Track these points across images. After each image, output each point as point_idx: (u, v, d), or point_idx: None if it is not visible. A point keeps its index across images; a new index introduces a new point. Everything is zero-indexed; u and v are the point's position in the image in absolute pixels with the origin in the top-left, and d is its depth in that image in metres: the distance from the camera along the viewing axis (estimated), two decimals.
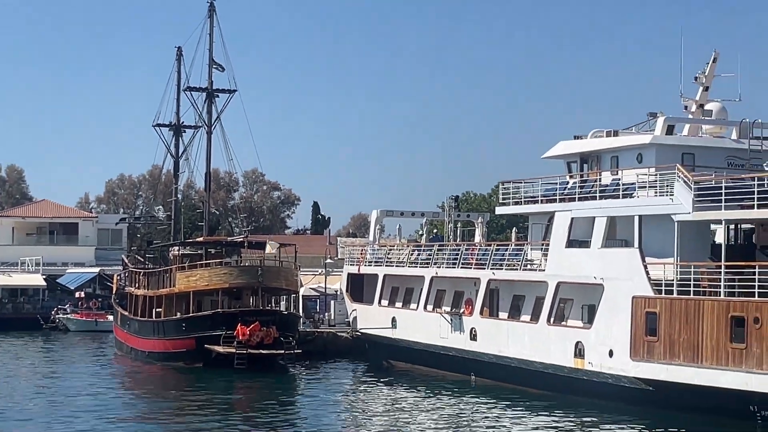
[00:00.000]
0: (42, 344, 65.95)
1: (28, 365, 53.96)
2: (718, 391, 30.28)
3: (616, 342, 34.66)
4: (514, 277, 42.60)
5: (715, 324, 30.55)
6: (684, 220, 33.07)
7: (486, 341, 43.01)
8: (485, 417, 32.79)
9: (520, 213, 46.71)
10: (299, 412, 36.17)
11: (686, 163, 36.32)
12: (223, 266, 53.26)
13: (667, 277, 33.19)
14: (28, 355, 59.64)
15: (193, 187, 68.29)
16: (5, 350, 62.74)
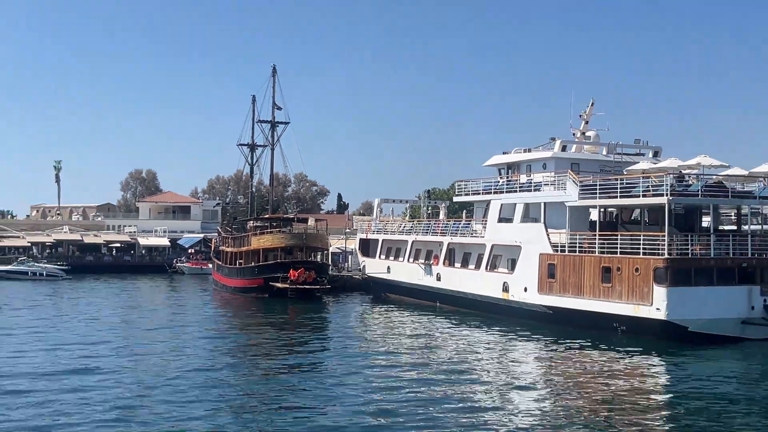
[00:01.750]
0: (167, 282, 69.02)
1: (160, 294, 58.39)
2: (593, 314, 32.65)
3: (529, 282, 36.66)
4: (464, 241, 44.41)
5: (591, 271, 32.94)
6: (572, 205, 35.42)
7: (446, 281, 44.82)
8: (447, 327, 35.32)
9: (468, 201, 48.08)
10: (328, 323, 38.74)
11: (574, 169, 37.80)
12: (281, 233, 56.06)
13: (561, 241, 35.31)
14: (160, 288, 64.09)
15: (262, 184, 71.77)
16: (146, 284, 68.22)
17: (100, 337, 31.71)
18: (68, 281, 68.52)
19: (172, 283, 67.50)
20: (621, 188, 33.87)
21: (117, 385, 20.34)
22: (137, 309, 47.14)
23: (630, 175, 35.25)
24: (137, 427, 15.56)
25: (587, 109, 43.26)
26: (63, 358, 25.54)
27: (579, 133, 42.86)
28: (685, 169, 34.47)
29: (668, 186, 31.56)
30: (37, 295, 54.42)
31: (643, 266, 30.50)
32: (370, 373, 23.06)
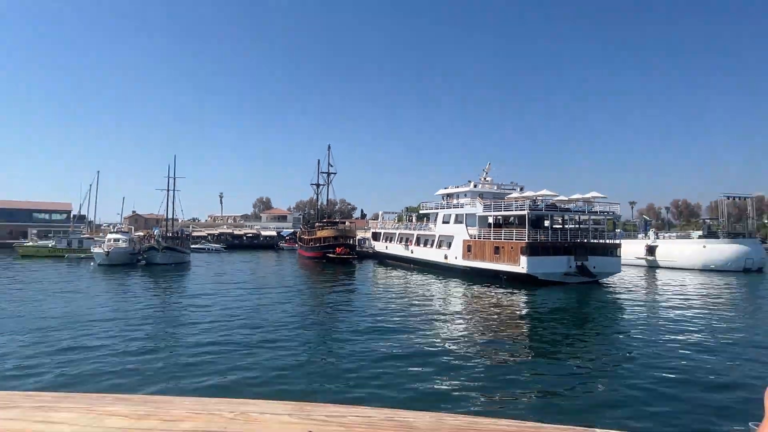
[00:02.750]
0: (276, 254, 67.92)
1: (271, 260, 56.96)
2: (491, 270, 32.71)
3: (458, 254, 36.74)
4: (425, 233, 43.73)
5: (490, 248, 33.31)
6: (480, 215, 36.08)
7: (417, 254, 44.26)
8: (417, 278, 34.27)
9: (427, 212, 46.55)
10: (355, 275, 37.83)
11: (481, 196, 38.67)
12: (332, 229, 55.70)
13: (474, 233, 35.75)
14: (271, 257, 62.57)
15: (323, 204, 72.87)
16: (265, 254, 67.52)
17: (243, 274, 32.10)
18: (226, 253, 69.87)
19: (278, 255, 68.15)
20: (504, 206, 34.73)
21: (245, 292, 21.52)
22: (260, 264, 48.41)
23: (508, 199, 35.90)
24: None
25: (487, 167, 44.19)
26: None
27: (483, 177, 43.65)
28: (536, 196, 34.84)
29: (527, 205, 32.36)
30: (212, 259, 55.31)
31: (516, 246, 31.02)
32: (376, 295, 23.93)
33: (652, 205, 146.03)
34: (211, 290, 26.41)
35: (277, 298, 23.62)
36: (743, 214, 65.59)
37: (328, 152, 66.38)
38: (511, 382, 10.55)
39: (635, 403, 9.16)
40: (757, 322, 18.59)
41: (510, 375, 11.03)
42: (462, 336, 15.17)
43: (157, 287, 28.35)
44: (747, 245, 47.45)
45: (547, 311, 20.72)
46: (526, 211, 31.95)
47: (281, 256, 66.30)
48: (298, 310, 19.85)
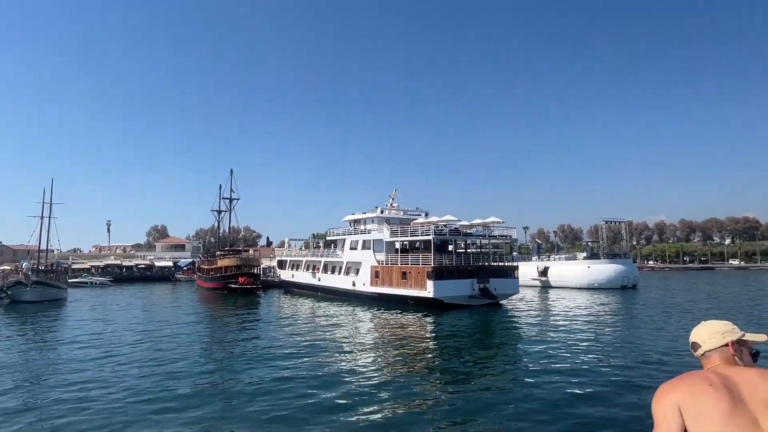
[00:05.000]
0: (171, 287, 62.74)
1: (169, 292, 52.24)
2: (398, 296, 32.86)
3: (366, 280, 36.47)
4: (333, 260, 42.94)
5: (397, 273, 33.45)
6: (387, 241, 36.28)
7: (324, 281, 43.33)
8: (324, 306, 32.83)
9: (335, 239, 45.38)
10: (260, 305, 36.01)
11: (387, 222, 39.04)
12: (234, 257, 53.90)
13: (382, 259, 35.59)
14: (167, 289, 58.34)
15: (225, 231, 69.45)
16: (159, 287, 62.45)
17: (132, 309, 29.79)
18: (114, 287, 63.81)
19: (174, 287, 63.27)
20: (410, 232, 35.32)
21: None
22: (152, 298, 44.21)
23: (414, 225, 36.53)
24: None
25: (393, 193, 44.81)
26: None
27: (390, 203, 44.13)
28: (440, 221, 35.68)
29: (432, 230, 33.06)
30: (94, 294, 50.00)
31: (422, 271, 31.38)
32: (280, 325, 22.76)
33: (542, 229, 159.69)
34: (89, 330, 23.50)
35: (167, 333, 21.65)
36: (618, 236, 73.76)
37: (231, 177, 64.10)
38: (417, 403, 10.54)
39: (535, 415, 9.50)
40: (637, 333, 20.58)
41: (416, 397, 10.98)
42: (369, 362, 14.93)
43: (20, 329, 24.71)
44: (623, 265, 53.48)
45: (453, 334, 21.16)
46: (432, 236, 32.61)
47: (178, 288, 61.95)
48: (192, 347, 18.24)
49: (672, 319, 25.45)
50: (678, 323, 23.49)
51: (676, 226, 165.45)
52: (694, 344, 1.97)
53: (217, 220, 68.44)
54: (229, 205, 64.69)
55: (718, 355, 1.89)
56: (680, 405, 1.71)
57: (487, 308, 30.74)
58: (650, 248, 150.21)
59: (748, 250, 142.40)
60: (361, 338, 20.18)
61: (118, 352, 17.15)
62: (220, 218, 67.81)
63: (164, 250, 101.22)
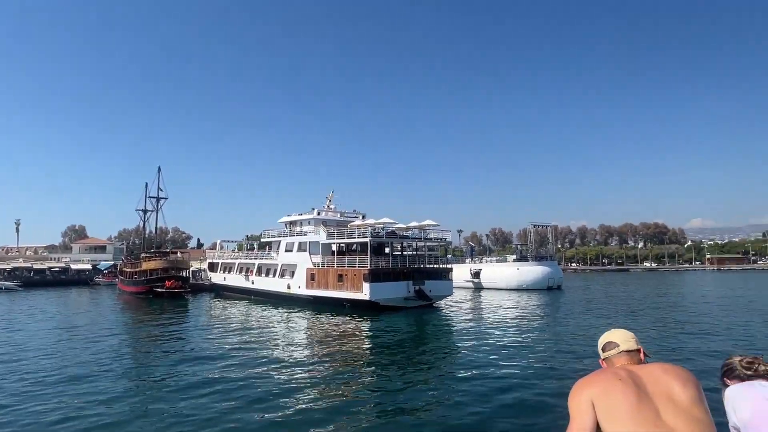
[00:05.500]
0: (89, 290, 58.03)
1: (87, 297, 47.36)
2: (334, 298, 32.64)
3: (301, 283, 35.95)
4: (267, 262, 42.02)
5: (333, 276, 33.20)
6: (323, 243, 35.83)
7: (257, 284, 42.30)
8: (257, 310, 31.81)
9: (270, 241, 43.84)
10: (188, 309, 34.31)
11: (324, 224, 38.55)
12: (160, 260, 50.32)
13: (318, 261, 35.14)
14: (84, 294, 53.09)
15: (152, 232, 64.82)
16: (75, 292, 56.13)
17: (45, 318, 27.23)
18: (23, 291, 57.94)
19: (94, 291, 58.56)
20: (347, 234, 35.24)
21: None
22: (68, 303, 40.81)
23: (351, 227, 36.44)
24: None
25: (330, 195, 44.49)
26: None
27: (327, 205, 43.78)
28: (377, 224, 35.89)
29: (369, 233, 33.25)
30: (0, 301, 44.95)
31: (358, 273, 31.40)
32: (210, 330, 21.70)
33: (475, 233, 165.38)
34: None
35: (80, 341, 20.00)
36: (545, 239, 77.84)
37: (159, 175, 60.27)
38: (350, 404, 10.53)
39: (469, 412, 9.73)
40: (560, 330, 21.76)
41: (350, 397, 10.96)
42: (302, 365, 14.70)
43: None
44: (549, 267, 56.59)
45: (389, 336, 21.32)
46: (368, 239, 32.68)
47: (98, 292, 57.69)
48: (108, 354, 16.98)
49: (591, 317, 27.15)
50: (596, 321, 25.13)
51: (596, 230, 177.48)
52: (610, 343, 2.15)
53: (143, 220, 64.56)
54: (156, 205, 60.98)
55: (627, 356, 2.07)
56: (593, 399, 1.83)
57: (422, 309, 31.20)
58: (573, 251, 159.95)
59: (658, 253, 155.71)
60: (296, 341, 19.88)
61: (21, 366, 15.62)
62: (146, 218, 64.00)
63: (82, 252, 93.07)
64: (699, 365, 13.10)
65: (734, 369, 2.20)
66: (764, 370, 2.14)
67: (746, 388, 2.07)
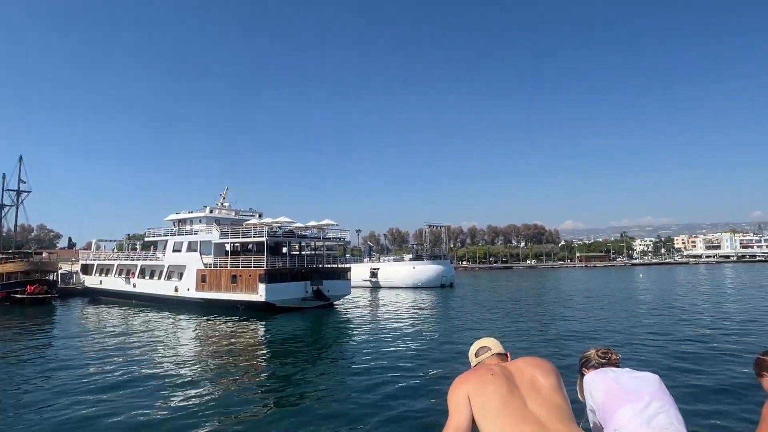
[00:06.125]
0: None
1: None
2: (227, 300, 31.62)
3: (191, 285, 34.30)
4: (152, 263, 38.99)
5: (226, 277, 32.02)
6: (216, 242, 34.37)
7: (141, 287, 39.09)
8: (140, 316, 29.20)
9: (155, 240, 41.45)
10: (56, 317, 30.31)
11: (217, 223, 36.87)
12: (21, 262, 43.71)
13: (210, 262, 33.63)
14: None
15: (9, 230, 55.61)
16: None
17: None
18: None
19: None
20: (242, 233, 34.10)
21: None
22: None
23: (247, 226, 35.36)
24: None
25: (224, 192, 42.64)
26: None
27: (221, 203, 41.82)
28: (274, 223, 35.15)
29: (266, 232, 32.56)
30: None
31: (254, 274, 30.59)
32: (82, 338, 19.65)
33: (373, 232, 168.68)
34: None
35: None
36: (439, 239, 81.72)
37: (20, 165, 52.49)
38: (245, 403, 10.39)
39: (361, 410, 9.88)
40: (451, 326, 23.00)
41: (244, 404, 10.57)
42: (191, 373, 13.87)
43: None
44: (443, 265, 59.61)
45: (285, 337, 21.00)
46: (265, 238, 32.02)
47: None
48: None
49: (479, 313, 29.08)
50: (482, 316, 26.96)
51: (484, 230, 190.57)
52: (483, 348, 2.37)
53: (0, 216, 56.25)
54: (16, 199, 53.28)
55: (498, 358, 2.31)
56: (469, 394, 1.96)
57: (320, 310, 31.29)
58: (464, 250, 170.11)
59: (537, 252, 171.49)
60: (184, 348, 18.73)
61: None
62: (3, 214, 55.76)
63: None
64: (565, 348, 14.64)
65: (590, 359, 2.51)
66: (615, 359, 2.48)
67: (600, 374, 2.35)
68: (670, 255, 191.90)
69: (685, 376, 11.58)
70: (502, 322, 24.05)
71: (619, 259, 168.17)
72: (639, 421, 2.05)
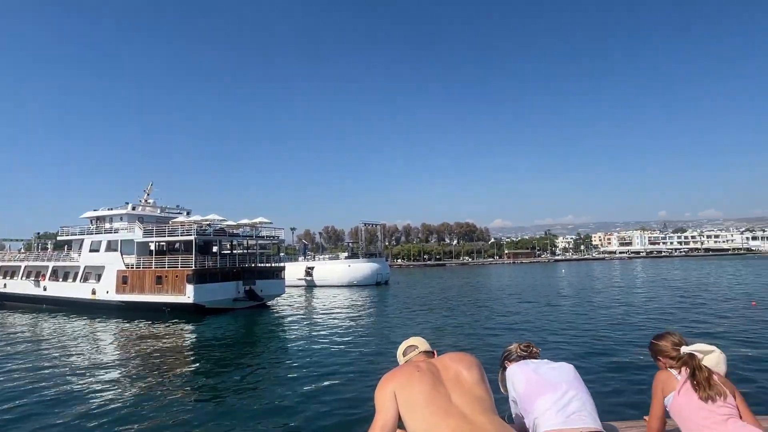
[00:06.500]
0: None
1: None
2: (152, 303, 30.32)
3: (110, 287, 32.38)
4: (66, 264, 36.32)
5: (150, 278, 30.70)
6: (138, 241, 32.93)
7: (53, 291, 36.15)
8: (51, 322, 27.04)
9: (69, 239, 37.86)
10: None
11: (140, 220, 35.17)
12: None
13: (132, 262, 32.02)
14: None
15: None
16: None
17: None
18: None
19: None
20: (168, 231, 32.74)
21: None
22: None
23: (174, 224, 33.97)
24: None
25: (149, 187, 40.28)
26: None
27: (144, 200, 39.55)
28: (203, 221, 34.06)
29: (194, 230, 31.46)
30: None
31: (181, 274, 29.54)
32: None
33: (309, 230, 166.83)
34: None
35: None
36: (374, 237, 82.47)
37: None
38: (172, 412, 9.82)
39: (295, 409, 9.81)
40: (386, 323, 23.27)
41: (170, 405, 10.15)
42: (112, 383, 13.03)
43: None
44: (378, 263, 60.19)
45: (214, 339, 20.31)
46: (193, 237, 30.90)
47: None
48: None
49: (413, 309, 29.66)
50: (415, 313, 27.53)
51: (419, 228, 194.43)
52: (411, 347, 2.43)
53: None
54: None
55: (425, 356, 2.38)
56: (396, 391, 2.00)
57: (253, 310, 30.80)
58: (399, 248, 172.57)
59: (469, 249, 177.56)
60: (101, 351, 17.69)
61: None
62: None
63: None
64: (491, 342, 15.32)
65: (512, 353, 2.69)
66: (535, 351, 2.68)
67: (521, 366, 2.51)
68: (589, 251, 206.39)
69: (598, 362, 12.52)
70: (434, 318, 24.70)
71: (544, 256, 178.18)
72: (556, 409, 2.20)
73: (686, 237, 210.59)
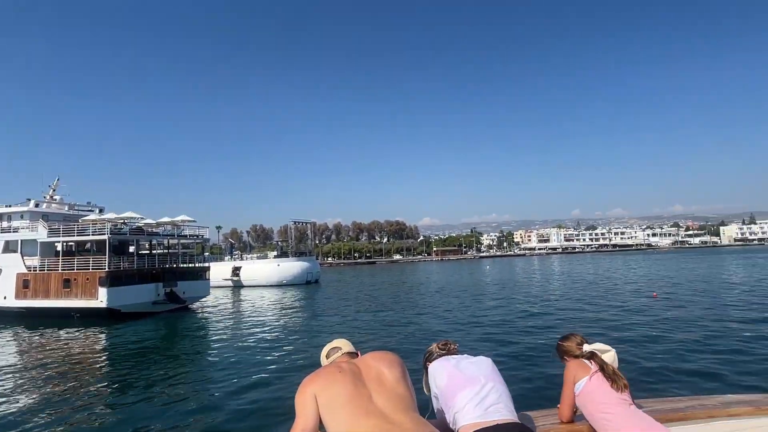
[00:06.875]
0: None
1: None
2: (58, 309, 28.14)
3: (9, 292, 29.45)
4: None
5: (56, 281, 28.56)
6: (42, 241, 30.29)
7: None
8: None
9: None
10: None
11: (44, 219, 31.85)
12: None
13: (35, 264, 29.43)
14: None
15: None
16: None
17: None
18: None
19: None
20: (78, 230, 30.36)
21: None
22: None
23: (84, 222, 31.60)
24: None
25: (55, 183, 37.01)
26: None
27: (49, 195, 36.28)
28: (118, 219, 32.09)
29: (108, 229, 29.47)
30: None
31: (92, 277, 27.59)
32: None
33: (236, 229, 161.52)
34: None
35: None
36: (304, 236, 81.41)
37: None
38: (83, 419, 9.27)
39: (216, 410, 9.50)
40: (316, 322, 23.06)
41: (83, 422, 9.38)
42: (12, 399, 11.76)
43: None
44: (308, 262, 59.53)
45: (131, 345, 19.10)
46: (107, 236, 28.92)
47: None
48: None
49: (342, 308, 29.66)
50: (345, 312, 27.56)
51: (349, 227, 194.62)
52: (334, 349, 2.41)
53: None
54: None
55: (348, 357, 2.37)
56: (316, 393, 1.96)
57: (174, 313, 29.56)
58: (330, 246, 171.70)
59: (399, 247, 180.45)
60: (20, 371, 15.73)
61: None
62: None
63: None
64: (417, 338, 15.70)
65: (433, 353, 2.74)
66: (454, 348, 2.74)
67: (442, 362, 2.59)
68: (511, 248, 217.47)
69: (514, 351, 13.23)
70: (363, 316, 24.83)
71: (470, 253, 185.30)
72: (474, 403, 2.28)
73: (597, 234, 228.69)
